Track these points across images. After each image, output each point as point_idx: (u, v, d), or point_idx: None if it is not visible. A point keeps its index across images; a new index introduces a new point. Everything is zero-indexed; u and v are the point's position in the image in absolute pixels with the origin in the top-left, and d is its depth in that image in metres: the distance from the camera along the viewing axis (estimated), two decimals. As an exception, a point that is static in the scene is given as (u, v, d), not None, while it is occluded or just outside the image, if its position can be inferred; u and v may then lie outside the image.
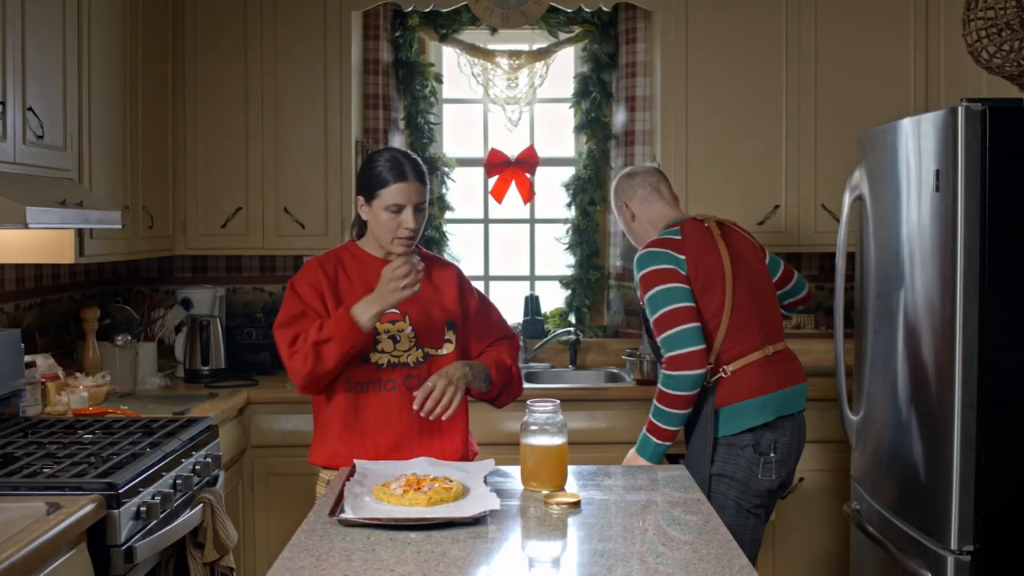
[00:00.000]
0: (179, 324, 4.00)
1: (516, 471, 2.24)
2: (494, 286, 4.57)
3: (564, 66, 4.48)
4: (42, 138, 2.73)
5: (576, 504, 2.06)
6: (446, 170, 4.43)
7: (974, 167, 2.49)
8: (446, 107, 4.54)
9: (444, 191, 4.45)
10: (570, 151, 4.52)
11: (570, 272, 4.43)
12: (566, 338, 4.28)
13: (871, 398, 3.06)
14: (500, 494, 2.10)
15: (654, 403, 2.77)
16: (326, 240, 3.88)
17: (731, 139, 3.93)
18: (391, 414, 2.45)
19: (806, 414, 2.96)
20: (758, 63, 3.92)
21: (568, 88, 4.46)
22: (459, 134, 4.58)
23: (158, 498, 2.44)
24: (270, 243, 3.97)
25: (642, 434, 2.81)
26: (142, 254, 3.62)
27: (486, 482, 2.15)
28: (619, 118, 4.34)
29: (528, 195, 4.37)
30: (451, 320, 2.53)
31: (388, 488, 2.05)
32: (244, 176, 3.95)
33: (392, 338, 2.46)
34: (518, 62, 4.36)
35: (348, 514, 1.93)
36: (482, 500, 2.02)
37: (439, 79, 4.46)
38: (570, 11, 4.20)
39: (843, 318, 3.17)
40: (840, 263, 3.16)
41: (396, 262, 2.34)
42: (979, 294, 2.50)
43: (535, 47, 4.42)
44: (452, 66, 4.46)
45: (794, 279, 3.15)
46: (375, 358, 2.45)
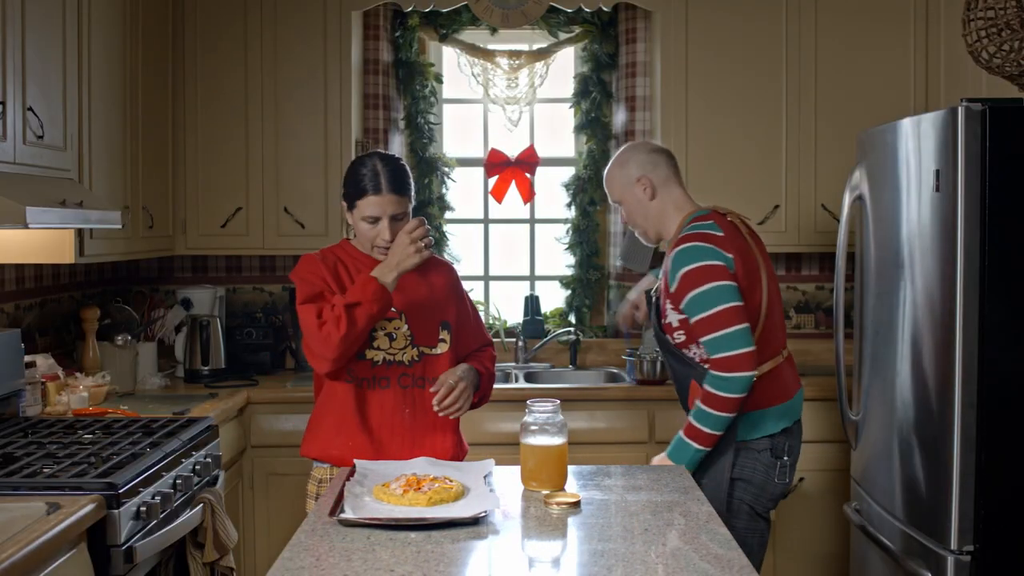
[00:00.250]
0: (179, 324, 4.00)
1: (516, 471, 2.24)
2: (494, 286, 4.57)
3: (564, 66, 4.48)
4: (42, 138, 2.73)
5: (576, 504, 2.06)
6: (446, 170, 4.43)
7: (974, 167, 2.49)
8: (446, 107, 4.54)
9: (444, 191, 4.45)
10: (570, 151, 4.52)
11: (570, 272, 4.43)
12: (566, 338, 4.28)
13: (871, 398, 3.06)
14: (500, 494, 2.10)
15: (699, 407, 2.59)
16: (326, 240, 3.87)
17: (731, 139, 3.93)
18: (385, 411, 2.47)
19: (804, 414, 2.95)
20: (758, 63, 3.92)
21: (568, 88, 4.46)
22: (459, 134, 4.57)
23: (158, 498, 2.44)
24: (270, 243, 3.97)
25: (678, 440, 2.63)
26: (142, 254, 3.62)
27: (486, 482, 2.16)
28: (619, 118, 4.34)
29: (528, 195, 4.37)
30: (445, 320, 2.55)
31: (388, 488, 2.05)
32: (244, 176, 3.94)
33: (388, 336, 2.47)
34: (518, 62, 4.36)
35: (348, 514, 1.93)
36: (482, 500, 2.02)
37: (439, 79, 4.46)
38: (570, 11, 4.20)
39: (843, 318, 3.18)
40: (840, 263, 3.16)
41: (412, 224, 2.37)
42: (979, 294, 2.50)
43: (535, 47, 4.42)
44: (452, 66, 4.46)
45: None
46: (371, 355, 2.46)
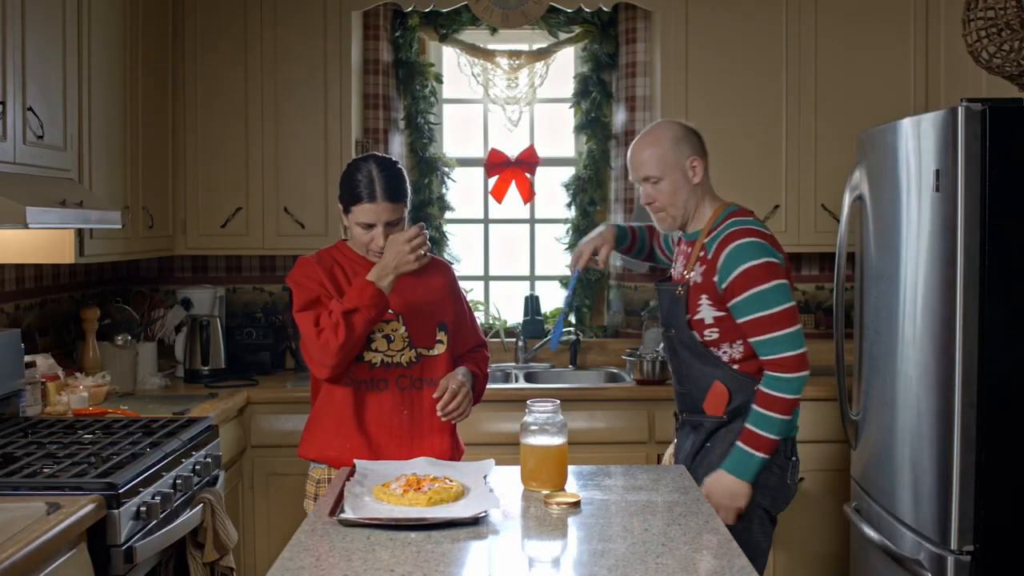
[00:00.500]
0: (179, 324, 4.00)
1: (516, 471, 2.24)
2: (494, 286, 4.57)
3: (564, 66, 4.48)
4: (42, 138, 2.73)
5: (576, 504, 2.06)
6: (446, 170, 4.43)
7: (974, 167, 2.49)
8: (446, 107, 4.54)
9: (444, 191, 4.45)
10: (570, 151, 4.52)
11: (570, 272, 4.42)
12: (566, 338, 4.28)
13: (871, 398, 3.06)
14: (500, 494, 2.10)
15: (764, 413, 2.48)
16: (326, 240, 3.87)
17: (731, 139, 3.93)
18: (383, 412, 2.47)
19: (804, 414, 2.95)
20: (758, 63, 3.92)
21: (568, 88, 4.46)
22: (459, 134, 4.57)
23: (158, 498, 2.44)
24: (270, 243, 3.97)
25: (741, 453, 2.50)
26: (142, 254, 3.62)
27: (486, 482, 2.15)
28: (619, 118, 4.33)
29: (528, 195, 4.37)
30: (442, 321, 2.55)
31: (388, 488, 2.05)
32: (244, 176, 3.94)
33: (386, 337, 2.47)
34: (518, 62, 4.36)
35: (348, 514, 1.93)
36: (482, 500, 2.02)
37: (439, 79, 4.46)
38: (570, 11, 4.20)
39: (843, 318, 3.18)
40: (840, 263, 3.16)
41: (411, 231, 2.35)
42: (979, 294, 2.50)
43: (535, 47, 4.41)
44: (452, 66, 4.46)
45: None
46: (369, 357, 2.46)
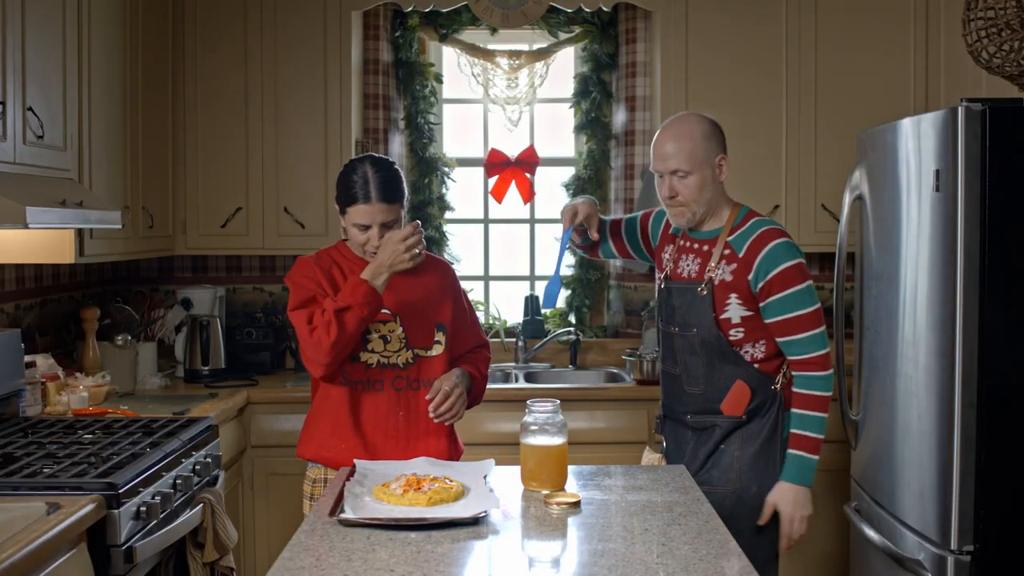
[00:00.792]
0: (179, 324, 4.00)
1: (516, 471, 2.24)
2: (494, 286, 4.57)
3: (564, 66, 4.48)
4: (42, 138, 2.73)
5: (576, 504, 2.06)
6: (446, 170, 4.43)
7: (974, 167, 2.49)
8: (446, 107, 4.54)
9: (444, 191, 4.45)
10: (570, 151, 4.52)
11: (570, 272, 4.43)
12: (566, 338, 4.28)
13: (871, 398, 3.06)
14: (500, 494, 2.10)
15: (808, 414, 2.46)
16: (326, 240, 3.88)
17: (731, 139, 3.87)
18: (379, 413, 2.46)
19: None
20: (758, 63, 3.92)
21: (568, 88, 4.46)
22: (459, 134, 4.58)
23: (158, 498, 2.44)
24: (270, 243, 3.97)
25: (798, 460, 2.46)
26: (142, 254, 3.62)
27: (486, 482, 2.15)
28: (619, 118, 4.34)
29: (528, 195, 4.37)
30: (441, 322, 2.53)
31: (388, 488, 2.05)
32: (244, 176, 3.94)
33: (383, 338, 2.46)
34: (518, 62, 4.36)
35: (348, 514, 1.93)
36: (482, 500, 2.02)
37: (439, 79, 4.46)
38: (570, 11, 4.20)
39: (843, 318, 3.18)
40: (840, 263, 3.16)
41: (407, 230, 2.35)
42: (979, 294, 2.50)
43: (535, 47, 4.42)
44: (452, 66, 4.46)
45: None
46: (365, 357, 2.45)
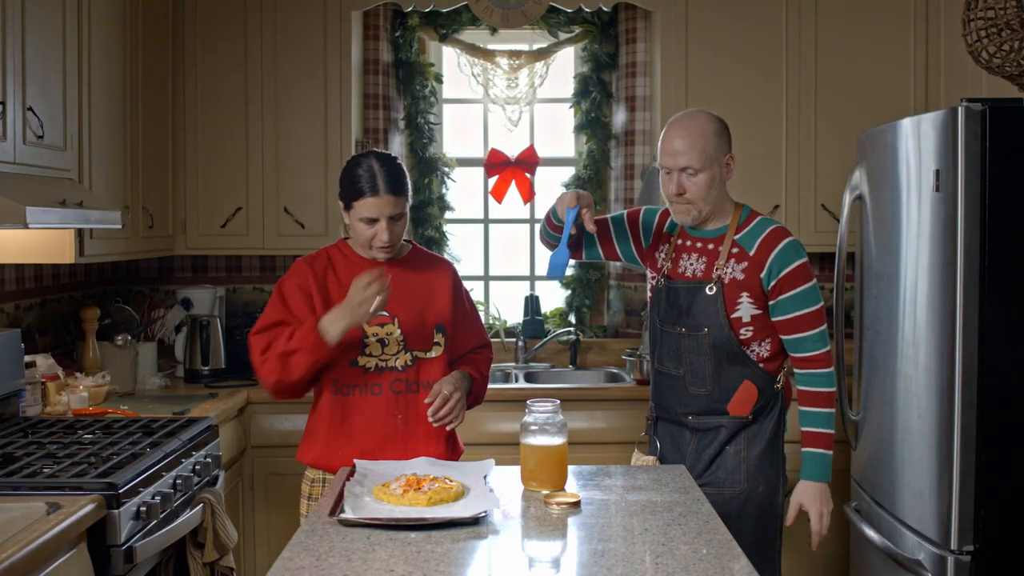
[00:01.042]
0: (179, 324, 4.00)
1: (516, 471, 2.24)
2: (494, 286, 4.57)
3: (564, 66, 4.48)
4: (42, 138, 2.73)
5: (576, 504, 2.06)
6: (446, 170, 4.43)
7: (974, 167, 2.49)
8: (446, 107, 4.54)
9: (444, 191, 4.45)
10: (570, 151, 4.52)
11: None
12: (566, 338, 4.28)
13: (871, 398, 3.06)
14: (500, 494, 2.10)
15: (818, 411, 2.48)
16: (326, 240, 3.87)
17: (732, 139, 3.92)
18: (377, 418, 2.44)
19: None
20: (758, 63, 3.92)
21: (568, 88, 4.46)
22: (459, 134, 4.58)
23: (158, 498, 2.44)
24: (270, 243, 3.97)
25: (815, 457, 2.51)
26: (142, 254, 3.62)
27: (486, 482, 2.15)
28: (619, 118, 4.34)
29: (528, 195, 4.37)
30: (440, 323, 2.51)
31: (388, 488, 2.05)
32: (244, 176, 3.94)
33: (380, 341, 2.44)
34: (518, 62, 4.36)
35: (348, 514, 1.93)
36: (482, 500, 2.02)
37: (439, 79, 4.46)
38: (570, 11, 4.20)
39: (843, 318, 3.18)
40: (840, 263, 3.16)
41: (366, 278, 2.29)
42: (979, 294, 2.50)
43: (535, 47, 4.42)
44: (452, 66, 4.46)
45: None
46: (363, 361, 2.44)
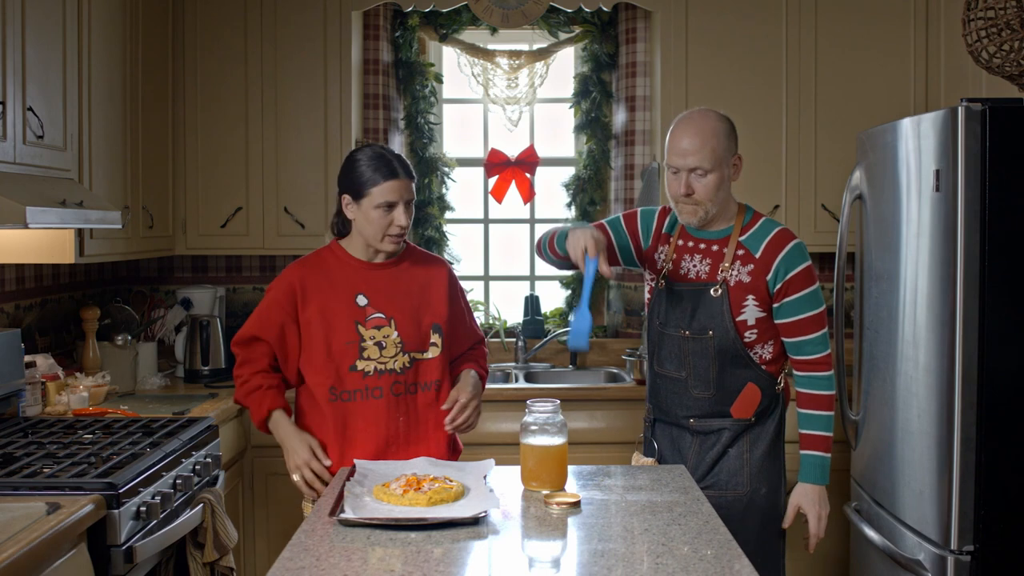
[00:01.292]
0: (179, 324, 4.00)
1: (516, 471, 2.24)
2: (494, 286, 4.57)
3: (564, 66, 4.48)
4: (42, 138, 2.73)
5: (576, 504, 2.06)
6: (446, 170, 4.43)
7: (974, 167, 2.49)
8: (446, 107, 4.54)
9: (444, 191, 4.45)
10: (570, 151, 4.52)
11: (570, 272, 4.43)
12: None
13: (871, 398, 3.06)
14: (500, 494, 2.10)
15: (819, 414, 2.49)
16: (326, 240, 3.87)
17: (731, 139, 3.92)
18: (379, 421, 2.45)
19: None
20: (758, 63, 3.92)
21: (568, 88, 4.46)
22: (459, 134, 4.58)
23: (158, 498, 2.44)
24: (270, 243, 3.97)
25: (814, 459, 2.50)
26: (142, 254, 3.62)
27: (486, 482, 2.15)
28: (619, 118, 4.34)
29: (528, 195, 4.37)
30: (436, 323, 2.52)
31: (388, 488, 2.05)
32: (244, 176, 3.94)
33: (378, 344, 2.45)
34: (518, 62, 4.36)
35: (348, 514, 1.94)
36: (482, 500, 2.02)
37: (439, 79, 4.46)
38: (570, 11, 4.20)
39: (843, 318, 3.18)
40: (840, 263, 3.16)
41: (314, 462, 2.43)
42: (979, 294, 2.50)
43: (535, 47, 4.42)
44: (452, 66, 4.46)
45: None
46: (362, 366, 2.44)
